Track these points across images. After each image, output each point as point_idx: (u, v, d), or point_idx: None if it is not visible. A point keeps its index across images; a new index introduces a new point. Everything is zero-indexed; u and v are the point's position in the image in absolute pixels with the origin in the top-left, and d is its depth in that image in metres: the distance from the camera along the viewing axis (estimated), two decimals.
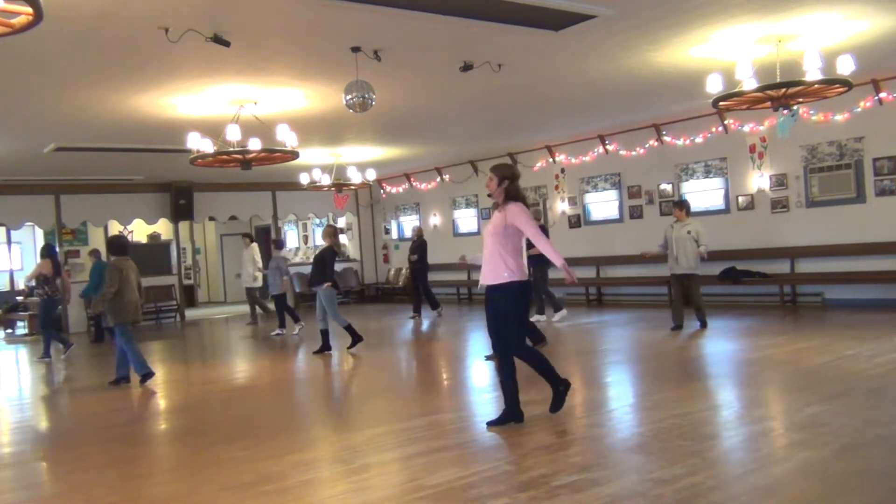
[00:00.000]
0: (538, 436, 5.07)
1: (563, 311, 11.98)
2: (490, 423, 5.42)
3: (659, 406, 5.80)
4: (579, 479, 4.07)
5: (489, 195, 5.60)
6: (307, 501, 4.11)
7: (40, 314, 11.83)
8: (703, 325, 9.86)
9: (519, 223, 5.35)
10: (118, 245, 8.72)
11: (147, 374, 8.22)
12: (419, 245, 14.34)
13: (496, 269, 5.37)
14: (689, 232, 9.79)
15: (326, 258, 9.90)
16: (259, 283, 14.88)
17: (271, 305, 14.30)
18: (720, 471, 4.21)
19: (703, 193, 13.27)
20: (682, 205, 10.27)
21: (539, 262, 11.63)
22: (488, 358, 8.21)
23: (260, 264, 14.81)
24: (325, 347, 9.88)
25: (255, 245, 14.94)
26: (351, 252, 20.35)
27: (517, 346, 5.49)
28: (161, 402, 7.70)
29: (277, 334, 12.46)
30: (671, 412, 5.49)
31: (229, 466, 4.84)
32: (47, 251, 11.87)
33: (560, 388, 5.57)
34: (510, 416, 5.39)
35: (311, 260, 10.68)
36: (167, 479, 4.81)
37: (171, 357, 11.49)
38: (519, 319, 5.50)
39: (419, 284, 14.24)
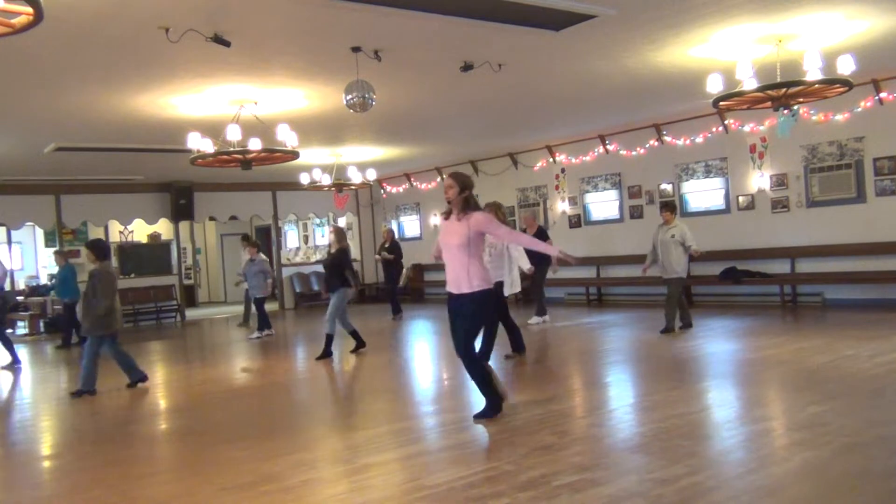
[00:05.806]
0: (538, 436, 5.07)
1: (546, 318, 11.82)
2: (476, 416, 5.54)
3: (659, 406, 5.80)
4: (579, 479, 4.07)
5: (448, 202, 5.60)
6: (307, 501, 4.11)
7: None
8: (668, 329, 9.60)
9: (489, 229, 5.49)
10: (104, 249, 8.07)
11: (142, 378, 8.17)
12: (395, 246, 14.66)
13: (465, 279, 5.43)
14: (672, 236, 9.59)
15: (344, 262, 9.79)
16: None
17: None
18: (720, 470, 4.21)
19: (704, 193, 13.28)
20: (671, 207, 10.07)
21: (539, 262, 11.59)
22: (508, 357, 8.37)
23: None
24: (359, 345, 9.77)
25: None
26: (351, 252, 20.30)
27: (467, 350, 5.53)
28: (161, 402, 7.70)
29: (268, 335, 12.38)
30: (671, 412, 5.49)
31: (229, 466, 4.84)
32: None
33: (496, 401, 5.55)
34: (494, 408, 5.49)
35: (324, 265, 10.46)
36: (167, 479, 4.81)
37: (172, 357, 11.50)
38: (480, 327, 5.66)
39: (394, 285, 14.63)
